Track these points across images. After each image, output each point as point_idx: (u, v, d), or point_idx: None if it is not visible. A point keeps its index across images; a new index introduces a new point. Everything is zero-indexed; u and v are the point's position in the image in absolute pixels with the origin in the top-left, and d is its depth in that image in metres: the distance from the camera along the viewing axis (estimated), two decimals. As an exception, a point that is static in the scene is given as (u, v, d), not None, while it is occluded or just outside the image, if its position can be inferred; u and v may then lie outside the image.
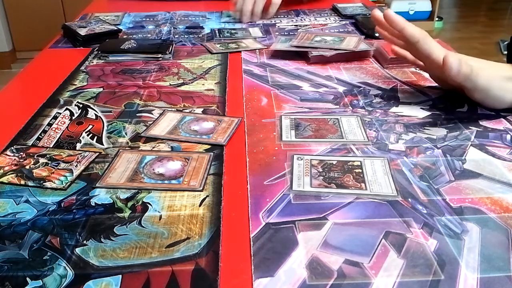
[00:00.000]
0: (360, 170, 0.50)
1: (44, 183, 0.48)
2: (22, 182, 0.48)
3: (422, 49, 0.61)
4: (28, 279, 0.36)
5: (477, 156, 0.52)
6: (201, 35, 0.97)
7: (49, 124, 0.60)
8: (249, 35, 0.96)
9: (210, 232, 0.41)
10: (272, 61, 0.82)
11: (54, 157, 0.52)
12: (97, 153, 0.53)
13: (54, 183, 0.48)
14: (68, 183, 0.48)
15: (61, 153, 0.53)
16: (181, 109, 0.64)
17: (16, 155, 0.53)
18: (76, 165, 0.50)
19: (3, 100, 0.69)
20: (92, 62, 0.81)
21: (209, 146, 0.55)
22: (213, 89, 0.71)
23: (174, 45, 0.88)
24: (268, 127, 0.59)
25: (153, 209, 0.44)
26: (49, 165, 0.51)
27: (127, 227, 0.42)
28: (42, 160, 0.51)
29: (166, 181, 0.48)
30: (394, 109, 0.64)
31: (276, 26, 1.03)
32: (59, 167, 0.50)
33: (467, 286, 0.35)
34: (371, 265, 0.37)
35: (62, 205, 0.45)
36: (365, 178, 0.48)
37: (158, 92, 0.70)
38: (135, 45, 0.85)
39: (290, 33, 0.98)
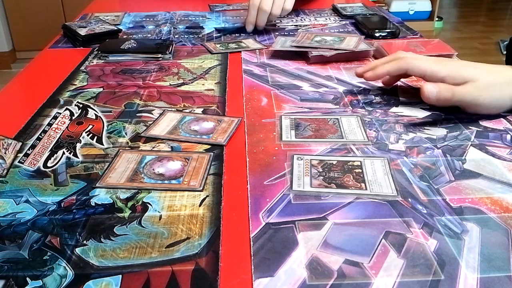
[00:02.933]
0: (360, 170, 0.50)
1: None
2: None
3: (415, 73, 0.62)
4: (28, 279, 0.36)
5: (477, 156, 0.52)
6: (201, 35, 0.97)
7: (49, 124, 0.60)
8: (249, 35, 0.96)
9: (210, 232, 0.41)
10: (272, 61, 0.82)
11: None
12: (21, 143, 0.54)
13: None
14: (5, 171, 0.49)
15: None
16: (181, 109, 0.64)
17: None
18: (5, 152, 0.51)
19: (3, 100, 0.69)
20: (92, 62, 0.81)
21: (209, 146, 0.55)
22: (213, 89, 0.71)
23: (174, 45, 0.88)
24: (268, 127, 0.59)
25: (153, 209, 0.44)
26: None
27: (127, 227, 0.42)
28: None
29: (166, 181, 0.48)
30: (394, 109, 0.64)
31: (276, 26, 1.03)
32: None
33: (467, 286, 0.35)
34: (371, 265, 0.37)
35: (62, 205, 0.45)
36: (365, 178, 0.48)
37: (158, 92, 0.70)
38: (135, 45, 0.85)
39: (290, 33, 0.98)
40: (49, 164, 0.51)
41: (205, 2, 1.25)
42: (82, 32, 0.91)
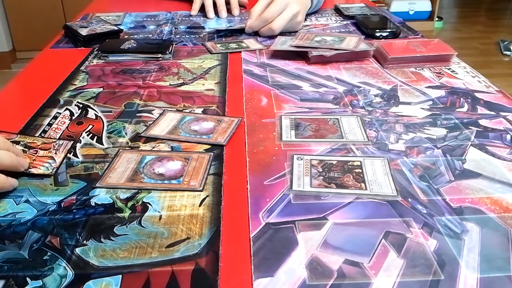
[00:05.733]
0: (360, 170, 0.50)
1: (29, 170, 0.49)
2: None
3: None
4: (28, 279, 0.36)
5: (477, 156, 0.52)
6: (202, 35, 0.97)
7: (49, 124, 0.60)
8: (251, 36, 0.96)
9: (210, 232, 0.41)
10: (272, 61, 0.82)
11: (29, 144, 0.53)
12: (72, 141, 0.55)
13: (40, 169, 0.49)
14: (54, 169, 0.49)
15: (35, 141, 0.53)
16: (181, 109, 0.64)
17: None
18: (56, 153, 0.51)
19: (3, 100, 0.69)
20: (92, 62, 0.81)
21: (209, 146, 0.55)
22: (213, 89, 0.71)
23: (174, 45, 0.88)
24: (268, 127, 0.59)
25: (153, 209, 0.44)
26: (27, 152, 0.52)
27: (127, 227, 0.42)
28: (19, 147, 0.52)
29: (166, 181, 0.48)
30: (394, 109, 0.64)
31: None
32: (39, 155, 0.51)
33: (467, 286, 0.35)
34: (371, 265, 0.37)
35: (62, 205, 0.45)
36: (365, 178, 0.48)
37: (158, 92, 0.70)
38: (135, 45, 0.85)
39: (291, 33, 0.98)
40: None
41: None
42: (83, 32, 0.91)
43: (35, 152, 0.51)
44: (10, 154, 0.47)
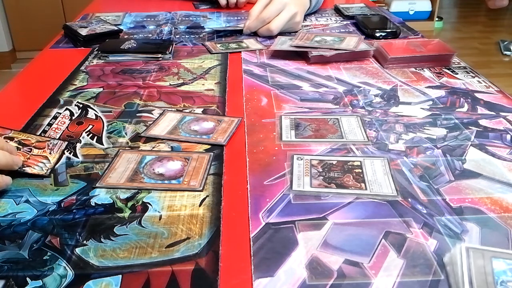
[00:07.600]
0: (360, 170, 0.50)
1: (23, 169, 0.49)
2: None
3: None
4: (28, 279, 0.36)
5: (477, 156, 0.52)
6: (201, 35, 0.97)
7: (49, 124, 0.60)
8: (251, 36, 0.96)
9: (210, 232, 0.41)
10: (272, 61, 0.82)
11: (23, 141, 0.53)
12: (67, 142, 0.54)
13: (35, 168, 0.49)
14: (49, 170, 0.49)
15: (29, 138, 0.53)
16: (181, 109, 0.64)
17: None
18: (50, 152, 0.51)
19: (3, 100, 0.69)
20: (92, 62, 0.81)
21: (209, 146, 0.55)
22: (213, 89, 0.71)
23: (174, 45, 0.88)
24: (268, 127, 0.59)
25: (153, 209, 0.44)
26: (21, 150, 0.52)
27: (127, 227, 0.42)
28: (13, 144, 0.52)
29: (166, 181, 0.48)
30: (394, 109, 0.64)
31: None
32: (33, 153, 0.51)
33: (467, 286, 0.35)
34: (371, 265, 0.37)
35: (62, 205, 0.45)
36: (365, 178, 0.48)
37: (158, 92, 0.70)
38: (135, 45, 0.85)
39: (290, 33, 0.98)
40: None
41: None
42: (83, 32, 0.91)
43: (29, 150, 0.51)
44: (4, 153, 0.47)
